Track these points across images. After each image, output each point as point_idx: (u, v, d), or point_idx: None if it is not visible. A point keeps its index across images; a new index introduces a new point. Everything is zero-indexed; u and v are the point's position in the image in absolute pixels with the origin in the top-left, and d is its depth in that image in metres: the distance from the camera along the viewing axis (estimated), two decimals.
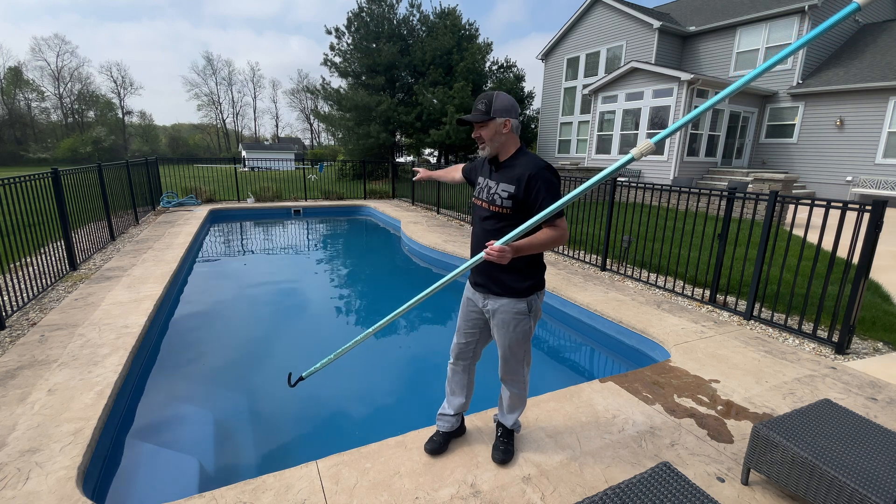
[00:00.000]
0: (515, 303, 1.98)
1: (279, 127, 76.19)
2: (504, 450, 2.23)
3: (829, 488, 1.73)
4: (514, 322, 1.99)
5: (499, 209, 1.92)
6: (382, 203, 13.02)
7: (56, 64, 57.05)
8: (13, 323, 3.87)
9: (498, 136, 1.91)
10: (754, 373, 3.19)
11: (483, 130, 1.91)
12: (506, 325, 2.01)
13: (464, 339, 2.21)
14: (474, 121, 1.88)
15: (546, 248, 1.86)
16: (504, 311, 1.99)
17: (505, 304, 1.98)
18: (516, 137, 1.96)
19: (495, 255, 1.70)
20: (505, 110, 1.89)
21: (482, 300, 2.07)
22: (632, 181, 12.15)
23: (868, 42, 14.09)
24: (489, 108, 1.88)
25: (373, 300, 5.92)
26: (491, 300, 2.03)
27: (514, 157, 1.95)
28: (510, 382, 2.17)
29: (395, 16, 22.14)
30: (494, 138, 1.91)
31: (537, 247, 1.82)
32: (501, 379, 2.19)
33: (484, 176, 2.06)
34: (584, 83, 18.75)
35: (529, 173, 1.85)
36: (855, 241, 3.33)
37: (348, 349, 2.09)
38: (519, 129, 1.97)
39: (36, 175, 4.73)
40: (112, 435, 2.71)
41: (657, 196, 10.30)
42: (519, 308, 1.98)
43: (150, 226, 8.78)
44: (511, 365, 2.11)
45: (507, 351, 2.06)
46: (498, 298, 2.00)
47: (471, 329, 2.18)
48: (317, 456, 2.24)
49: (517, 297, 1.98)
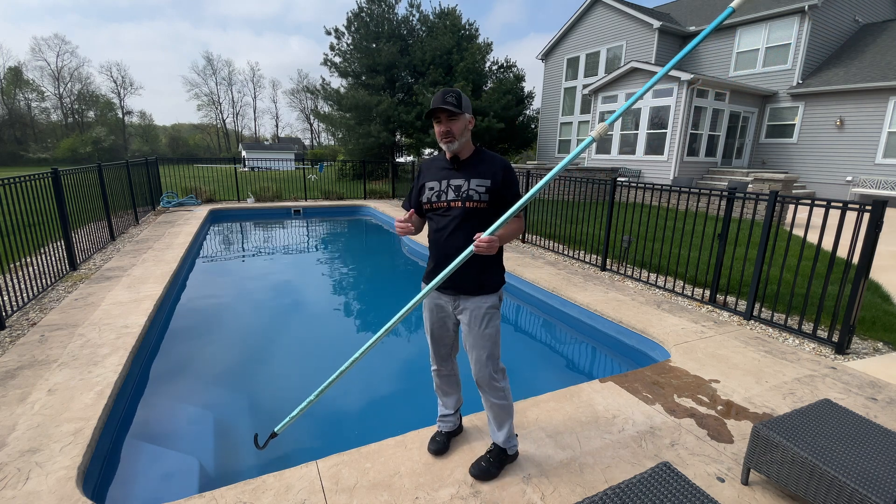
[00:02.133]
0: (487, 298, 1.99)
1: (279, 127, 76.29)
2: (485, 468, 2.10)
3: (829, 488, 1.73)
4: (486, 317, 1.98)
5: (475, 204, 1.91)
6: (382, 203, 13.02)
7: (56, 64, 57.16)
8: (13, 323, 3.87)
9: (466, 132, 1.93)
10: (754, 373, 3.19)
11: (454, 124, 1.88)
12: (478, 322, 1.98)
13: (441, 344, 2.17)
14: (453, 109, 1.82)
15: (514, 238, 1.96)
16: (477, 307, 1.98)
17: (477, 301, 1.98)
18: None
19: (485, 247, 1.70)
20: (470, 108, 1.94)
21: (453, 302, 2.03)
22: (632, 181, 12.16)
23: (868, 42, 14.09)
24: (460, 103, 1.88)
25: (373, 300, 5.92)
26: (463, 300, 2.00)
27: (476, 154, 1.99)
28: (487, 389, 2.06)
29: (395, 16, 22.14)
30: (463, 134, 1.91)
31: (510, 236, 1.89)
32: (478, 384, 2.07)
33: (439, 178, 1.99)
34: (584, 83, 18.76)
35: (504, 166, 1.96)
36: (855, 241, 3.33)
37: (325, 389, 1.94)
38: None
39: (36, 175, 4.73)
40: (112, 435, 2.71)
41: (657, 196, 10.30)
42: (491, 302, 2.00)
43: (150, 226, 8.78)
44: (486, 368, 2.02)
45: (481, 351, 2.00)
46: (470, 298, 1.98)
47: (445, 334, 2.14)
48: (317, 456, 2.25)
49: (491, 292, 2.00)
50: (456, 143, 1.90)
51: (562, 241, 7.13)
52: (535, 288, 5.33)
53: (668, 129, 13.28)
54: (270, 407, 3.26)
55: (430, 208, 2.02)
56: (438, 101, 1.84)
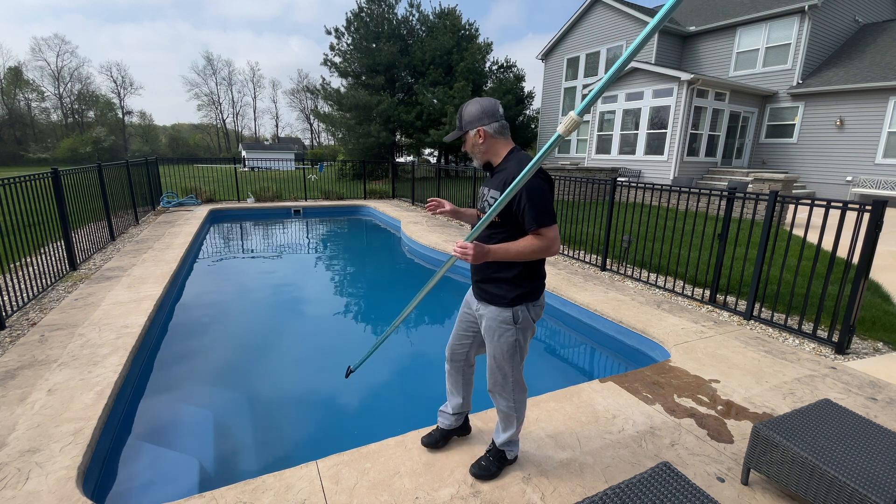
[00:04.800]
0: (500, 311, 1.90)
1: (279, 127, 76.24)
2: (485, 467, 2.11)
3: (829, 488, 1.73)
4: (498, 331, 1.92)
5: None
6: (382, 203, 13.02)
7: (56, 64, 57.11)
8: (13, 323, 3.87)
9: (477, 147, 1.90)
10: (754, 373, 3.19)
11: (465, 144, 1.93)
12: (491, 333, 1.95)
13: (458, 340, 2.19)
14: (451, 140, 1.90)
15: (528, 258, 1.76)
16: (490, 317, 1.94)
17: (491, 311, 1.93)
18: (501, 140, 1.88)
19: (458, 252, 1.65)
20: (475, 120, 1.85)
21: (475, 304, 2.04)
22: (632, 181, 12.16)
23: (868, 42, 14.08)
24: (461, 123, 1.89)
25: (373, 300, 5.91)
26: (481, 305, 2.00)
27: (505, 160, 1.89)
28: (497, 395, 2.06)
29: (395, 16, 22.16)
30: (474, 150, 1.92)
31: (515, 254, 1.72)
32: (489, 390, 2.08)
33: (483, 184, 2.02)
34: (584, 83, 18.77)
35: (514, 175, 1.75)
36: (855, 241, 3.33)
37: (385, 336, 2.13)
38: (502, 131, 1.87)
39: (36, 175, 4.73)
40: (112, 435, 2.71)
41: (657, 196, 10.30)
42: (504, 317, 1.89)
43: (150, 226, 8.78)
44: (496, 377, 2.01)
45: (493, 361, 1.99)
46: (486, 305, 1.96)
47: (465, 331, 2.15)
48: (317, 456, 2.24)
49: (502, 305, 1.90)
50: (476, 159, 1.94)
51: (562, 241, 7.13)
52: None
53: (668, 129, 13.28)
54: (270, 407, 3.26)
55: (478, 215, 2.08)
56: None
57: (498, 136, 1.87)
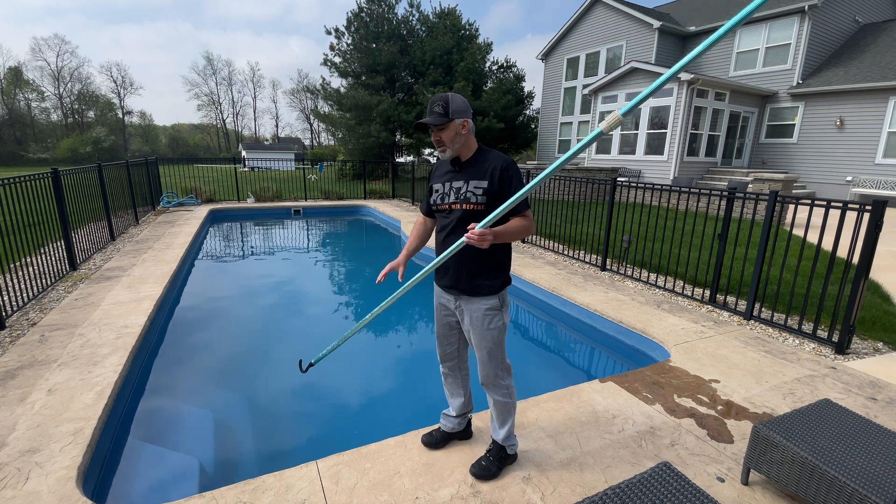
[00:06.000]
0: (486, 300, 1.97)
1: (279, 127, 76.29)
2: (485, 466, 2.12)
3: (829, 488, 1.73)
4: (487, 318, 1.97)
5: (473, 206, 1.91)
6: (382, 203, 13.02)
7: (56, 64, 57.14)
8: (13, 323, 3.87)
9: (458, 137, 1.91)
10: (754, 373, 3.19)
11: (443, 133, 1.89)
12: (479, 323, 1.98)
13: (445, 341, 2.19)
14: (434, 123, 1.86)
15: (518, 237, 1.90)
16: (476, 309, 1.98)
17: (477, 303, 1.97)
18: (472, 136, 1.97)
19: (475, 238, 1.68)
20: (462, 111, 1.89)
21: (454, 302, 2.05)
22: (632, 181, 12.16)
23: (868, 42, 14.08)
24: (447, 110, 1.87)
25: (373, 300, 5.91)
26: (463, 301, 2.01)
27: (477, 154, 1.96)
28: (492, 387, 2.09)
29: (395, 16, 22.15)
30: (455, 139, 1.91)
31: (511, 234, 1.85)
32: (482, 384, 2.09)
33: (444, 180, 2.01)
34: (584, 83, 18.76)
35: (501, 166, 1.90)
36: (855, 241, 3.33)
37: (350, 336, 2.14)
38: (474, 130, 1.98)
39: (36, 175, 4.73)
40: (112, 435, 2.71)
41: (657, 196, 10.30)
42: (491, 304, 1.97)
43: (150, 226, 8.78)
44: (488, 369, 2.04)
45: (484, 352, 2.01)
46: (470, 299, 1.98)
47: (448, 331, 2.16)
48: (317, 456, 2.24)
49: (489, 294, 1.96)
50: (448, 150, 1.92)
51: (562, 241, 7.13)
52: (536, 288, 5.33)
53: (668, 129, 13.28)
54: (271, 406, 3.26)
55: (437, 210, 2.06)
56: (427, 113, 1.91)
57: (472, 132, 1.96)
